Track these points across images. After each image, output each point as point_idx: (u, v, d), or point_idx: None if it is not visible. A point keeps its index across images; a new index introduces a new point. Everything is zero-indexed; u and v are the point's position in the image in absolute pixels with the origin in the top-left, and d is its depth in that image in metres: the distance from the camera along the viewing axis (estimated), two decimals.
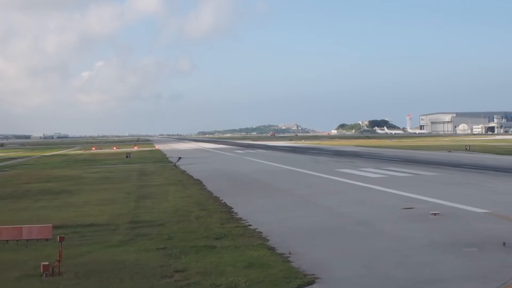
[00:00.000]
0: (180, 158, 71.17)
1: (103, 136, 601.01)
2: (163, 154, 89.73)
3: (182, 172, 48.34)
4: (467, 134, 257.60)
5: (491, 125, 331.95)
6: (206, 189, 33.17)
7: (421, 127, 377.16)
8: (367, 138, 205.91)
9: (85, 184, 38.78)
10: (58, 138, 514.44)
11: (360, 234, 17.72)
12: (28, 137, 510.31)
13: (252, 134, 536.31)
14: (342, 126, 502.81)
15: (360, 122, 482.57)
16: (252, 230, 18.77)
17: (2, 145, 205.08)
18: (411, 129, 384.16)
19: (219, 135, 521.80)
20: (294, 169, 46.65)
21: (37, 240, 16.75)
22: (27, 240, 16.72)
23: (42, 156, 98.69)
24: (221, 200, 27.39)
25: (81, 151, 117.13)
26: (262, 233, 18.16)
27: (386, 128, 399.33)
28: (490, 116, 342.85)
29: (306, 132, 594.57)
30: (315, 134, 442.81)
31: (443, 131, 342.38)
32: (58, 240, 13.97)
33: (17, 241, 16.81)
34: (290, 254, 14.93)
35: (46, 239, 16.63)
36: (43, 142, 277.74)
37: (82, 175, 46.57)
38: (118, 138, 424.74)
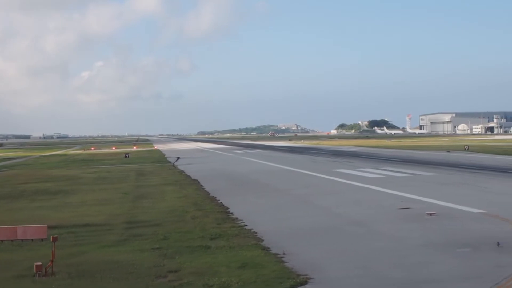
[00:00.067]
0: (178, 158, 71.15)
1: (103, 136, 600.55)
2: (162, 154, 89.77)
3: (180, 172, 48.35)
4: (467, 134, 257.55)
5: (491, 125, 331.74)
6: (203, 189, 33.17)
7: (420, 127, 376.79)
8: (367, 138, 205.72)
9: (82, 184, 38.79)
10: (58, 138, 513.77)
11: (356, 234, 17.73)
12: (27, 137, 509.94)
13: (251, 134, 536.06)
14: (341, 126, 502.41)
15: (359, 122, 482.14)
16: (247, 230, 18.77)
17: (1, 145, 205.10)
18: (411, 129, 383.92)
19: (219, 135, 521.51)
20: (292, 169, 46.67)
21: (32, 240, 16.75)
22: (22, 240, 16.72)
23: (41, 156, 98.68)
24: (218, 200, 27.38)
25: (80, 151, 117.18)
26: (257, 233, 18.15)
27: (385, 128, 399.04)
28: (489, 116, 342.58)
29: (306, 132, 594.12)
30: (315, 134, 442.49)
31: (443, 131, 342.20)
32: (51, 240, 13.96)
33: (12, 241, 16.79)
34: (284, 254, 14.92)
35: (41, 239, 16.63)
36: (43, 142, 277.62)
37: (80, 175, 46.58)
38: (118, 138, 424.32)
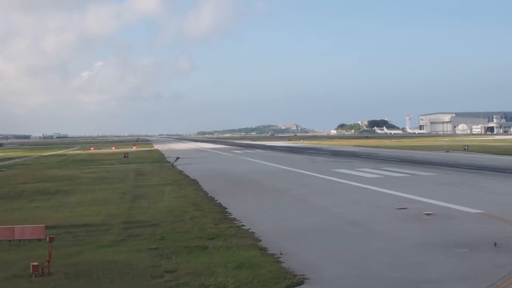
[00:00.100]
0: (178, 158, 71.14)
1: (103, 136, 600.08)
2: (161, 154, 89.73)
3: (179, 172, 48.34)
4: (467, 134, 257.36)
5: (491, 125, 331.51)
6: (202, 189, 33.17)
7: (420, 127, 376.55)
8: (366, 138, 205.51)
9: (81, 184, 38.77)
10: (58, 138, 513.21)
11: (354, 234, 17.72)
12: (27, 137, 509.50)
13: (251, 134, 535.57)
14: (341, 126, 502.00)
15: (359, 122, 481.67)
16: (245, 230, 18.76)
17: (1, 145, 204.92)
18: (411, 129, 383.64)
19: (219, 135, 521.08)
20: (291, 169, 46.65)
21: (29, 240, 16.76)
22: (20, 240, 16.73)
23: (41, 156, 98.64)
24: (216, 200, 27.37)
25: (79, 151, 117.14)
26: (255, 233, 18.15)
27: (385, 128, 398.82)
28: (489, 116, 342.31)
29: (306, 132, 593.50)
30: (315, 134, 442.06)
31: (443, 131, 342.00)
32: (48, 240, 13.96)
33: (9, 241, 16.79)
34: (281, 254, 14.91)
35: (39, 239, 16.64)
36: (42, 142, 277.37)
37: (79, 175, 46.55)
38: (118, 138, 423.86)
